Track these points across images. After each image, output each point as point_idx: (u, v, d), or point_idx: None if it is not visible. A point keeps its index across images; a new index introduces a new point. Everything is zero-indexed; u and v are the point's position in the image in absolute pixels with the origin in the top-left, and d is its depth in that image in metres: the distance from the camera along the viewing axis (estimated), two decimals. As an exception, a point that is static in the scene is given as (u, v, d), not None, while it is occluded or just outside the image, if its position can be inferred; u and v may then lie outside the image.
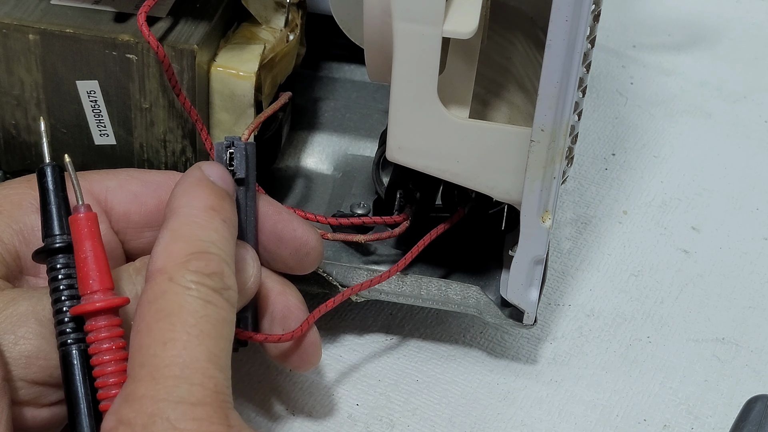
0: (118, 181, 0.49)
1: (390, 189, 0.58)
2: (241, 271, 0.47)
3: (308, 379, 0.58)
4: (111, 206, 0.49)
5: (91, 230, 0.44)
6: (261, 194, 0.51)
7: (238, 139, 0.49)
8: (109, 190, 0.49)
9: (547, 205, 0.52)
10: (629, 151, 0.74)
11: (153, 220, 0.49)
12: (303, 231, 0.51)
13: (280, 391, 0.57)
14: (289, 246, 0.51)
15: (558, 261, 0.65)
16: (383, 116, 0.67)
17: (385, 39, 0.49)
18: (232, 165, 0.49)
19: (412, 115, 0.50)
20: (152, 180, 0.49)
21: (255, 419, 0.56)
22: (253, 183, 0.50)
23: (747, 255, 0.67)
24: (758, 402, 0.56)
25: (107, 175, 0.49)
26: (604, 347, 0.61)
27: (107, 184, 0.49)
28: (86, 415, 0.43)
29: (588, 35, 0.49)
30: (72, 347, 0.43)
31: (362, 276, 0.57)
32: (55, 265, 0.44)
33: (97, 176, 0.49)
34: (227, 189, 0.46)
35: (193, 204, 0.44)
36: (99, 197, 0.48)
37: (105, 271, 0.43)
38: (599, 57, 0.80)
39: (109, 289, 0.43)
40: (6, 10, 0.55)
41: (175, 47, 0.54)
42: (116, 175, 0.49)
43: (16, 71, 0.55)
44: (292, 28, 0.60)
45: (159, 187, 0.49)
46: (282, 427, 0.56)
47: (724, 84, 0.80)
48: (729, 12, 0.86)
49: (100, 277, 0.43)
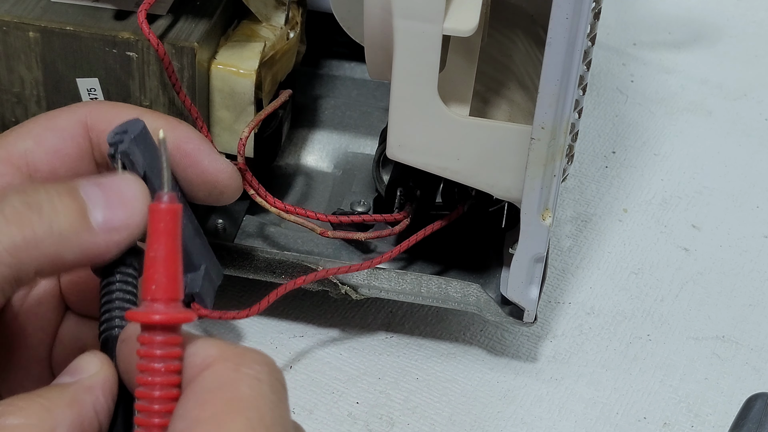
0: (35, 139, 0.46)
1: (390, 187, 0.58)
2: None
3: (308, 377, 0.58)
4: (35, 167, 0.46)
5: (170, 226, 0.37)
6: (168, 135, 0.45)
7: (121, 137, 0.44)
8: (28, 152, 0.46)
9: (548, 202, 0.52)
10: (629, 149, 0.74)
11: (79, 168, 0.47)
12: (213, 170, 0.47)
13: (280, 388, 0.57)
14: (201, 188, 0.48)
15: (558, 259, 0.65)
16: (383, 114, 0.67)
17: (386, 37, 0.49)
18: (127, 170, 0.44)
19: (413, 113, 0.50)
20: (63, 126, 0.47)
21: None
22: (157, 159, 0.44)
23: (747, 253, 0.67)
24: (758, 400, 0.56)
25: (20, 136, 0.46)
26: (605, 345, 0.61)
27: (24, 146, 0.46)
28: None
29: (588, 33, 0.49)
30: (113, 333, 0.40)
31: (362, 274, 0.57)
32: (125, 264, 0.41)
33: (12, 139, 0.46)
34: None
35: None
36: (20, 162, 0.46)
37: (174, 278, 0.37)
38: (600, 55, 0.80)
39: (174, 300, 0.37)
40: (6, 7, 0.55)
41: (176, 45, 0.53)
42: (29, 133, 0.46)
43: (16, 69, 0.55)
44: (292, 25, 0.60)
45: (74, 133, 0.47)
46: (282, 425, 0.56)
47: (725, 82, 0.80)
48: (729, 10, 0.86)
49: (167, 285, 0.37)
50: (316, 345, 0.60)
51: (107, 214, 0.40)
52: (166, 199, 0.37)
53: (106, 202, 0.41)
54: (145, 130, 0.44)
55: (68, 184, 0.41)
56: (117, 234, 0.41)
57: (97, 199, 0.41)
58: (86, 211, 0.40)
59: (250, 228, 0.61)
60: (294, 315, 0.61)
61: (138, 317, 0.37)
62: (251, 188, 0.56)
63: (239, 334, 0.60)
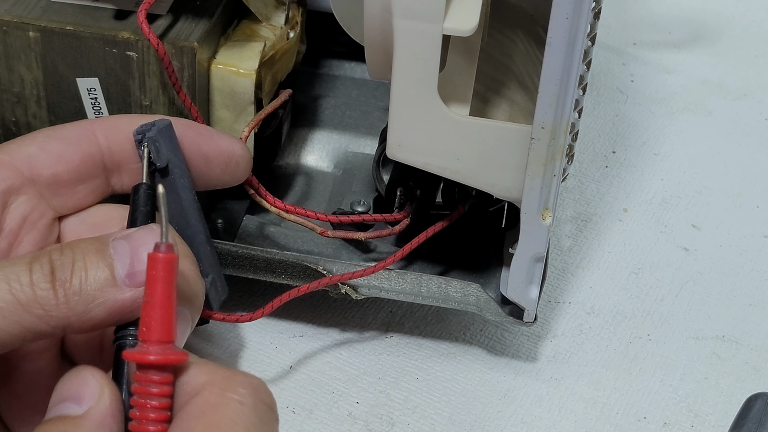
0: (38, 145, 0.48)
1: (390, 186, 0.58)
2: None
3: (308, 376, 0.58)
4: (38, 172, 0.47)
5: (166, 274, 0.40)
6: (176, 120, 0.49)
7: (148, 127, 0.47)
8: (31, 157, 0.47)
9: (548, 202, 0.52)
10: (629, 149, 0.74)
11: (82, 174, 0.48)
12: (227, 143, 0.50)
13: (280, 388, 0.57)
14: (217, 162, 0.50)
15: (558, 258, 0.65)
16: (383, 114, 0.67)
17: (386, 36, 0.49)
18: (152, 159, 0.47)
19: (413, 113, 0.50)
20: (69, 135, 0.48)
21: (255, 417, 0.56)
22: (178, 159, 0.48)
23: (747, 253, 0.67)
24: (758, 400, 0.56)
25: (24, 142, 0.48)
26: (605, 345, 0.61)
27: (27, 151, 0.47)
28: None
29: (588, 33, 0.49)
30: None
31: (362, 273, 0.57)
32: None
33: (15, 146, 0.48)
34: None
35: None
36: (22, 167, 0.47)
37: (168, 322, 0.40)
38: (600, 54, 0.80)
39: (167, 343, 0.40)
40: (6, 7, 0.55)
41: (176, 45, 0.53)
42: (33, 140, 0.48)
43: (16, 68, 0.55)
44: (292, 25, 0.60)
45: (79, 140, 0.48)
46: (282, 425, 0.56)
47: (725, 81, 0.80)
48: (729, 9, 0.86)
49: (161, 328, 0.40)
50: (315, 345, 0.60)
51: (133, 272, 0.42)
52: (164, 249, 0.40)
53: (133, 258, 0.42)
54: (171, 126, 0.47)
55: (99, 241, 0.43)
56: (143, 291, 0.41)
57: (125, 255, 0.42)
58: (114, 271, 0.42)
59: (250, 228, 0.61)
60: (294, 315, 0.61)
61: (134, 357, 0.39)
62: (251, 188, 0.56)
63: (239, 334, 0.60)
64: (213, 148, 0.50)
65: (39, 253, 0.42)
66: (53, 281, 0.41)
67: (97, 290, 0.41)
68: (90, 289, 0.41)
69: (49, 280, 0.41)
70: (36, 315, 0.41)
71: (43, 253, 0.42)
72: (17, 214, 0.46)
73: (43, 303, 0.41)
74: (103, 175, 0.48)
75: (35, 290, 0.41)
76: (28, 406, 0.46)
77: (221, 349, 0.59)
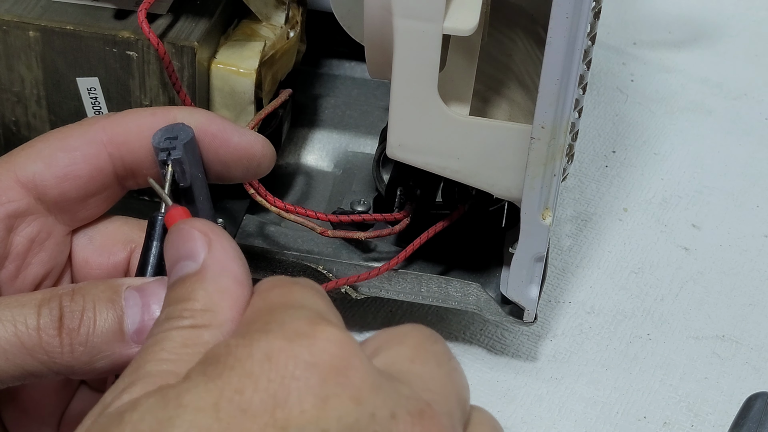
0: (44, 161, 0.45)
1: (390, 186, 0.58)
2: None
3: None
4: (44, 191, 0.45)
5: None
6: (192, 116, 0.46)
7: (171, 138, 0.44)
8: (37, 175, 0.45)
9: (548, 202, 0.52)
10: (630, 149, 0.74)
11: (91, 189, 0.46)
12: (246, 143, 0.46)
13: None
14: (238, 166, 0.47)
15: (558, 258, 0.65)
16: (384, 113, 0.67)
17: (386, 36, 0.49)
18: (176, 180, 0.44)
19: (413, 112, 0.50)
20: (75, 145, 0.45)
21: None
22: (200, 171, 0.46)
23: (747, 252, 0.67)
24: (758, 399, 0.56)
25: (30, 157, 0.45)
26: (605, 344, 0.61)
27: (33, 169, 0.45)
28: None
29: (588, 32, 0.49)
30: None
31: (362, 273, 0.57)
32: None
33: (21, 160, 0.45)
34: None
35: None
36: (28, 185, 0.45)
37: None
38: (599, 54, 0.80)
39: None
40: (6, 6, 0.55)
41: (176, 44, 0.53)
42: (39, 154, 0.45)
43: (16, 68, 0.55)
44: (292, 25, 0.60)
45: (87, 152, 0.45)
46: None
47: (725, 81, 0.80)
48: (729, 9, 0.86)
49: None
50: (316, 344, 0.60)
51: (142, 327, 0.41)
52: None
53: (144, 314, 0.41)
54: (194, 138, 0.44)
55: (111, 289, 0.41)
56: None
57: (136, 309, 0.41)
58: (123, 323, 0.41)
59: (250, 227, 0.61)
60: (294, 314, 0.61)
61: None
62: (251, 187, 0.56)
63: (239, 334, 0.60)
64: (229, 151, 0.46)
65: (50, 296, 0.41)
66: (60, 328, 0.40)
67: (103, 343, 0.40)
68: (97, 342, 0.40)
69: (56, 326, 0.40)
70: (39, 360, 0.40)
71: (54, 297, 0.41)
72: (25, 236, 0.45)
73: (48, 349, 0.40)
74: (115, 183, 0.46)
75: (41, 335, 0.40)
76: (36, 421, 0.46)
77: (221, 349, 0.59)
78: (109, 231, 0.47)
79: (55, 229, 0.46)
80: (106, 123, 0.46)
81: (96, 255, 0.47)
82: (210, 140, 0.45)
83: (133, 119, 0.46)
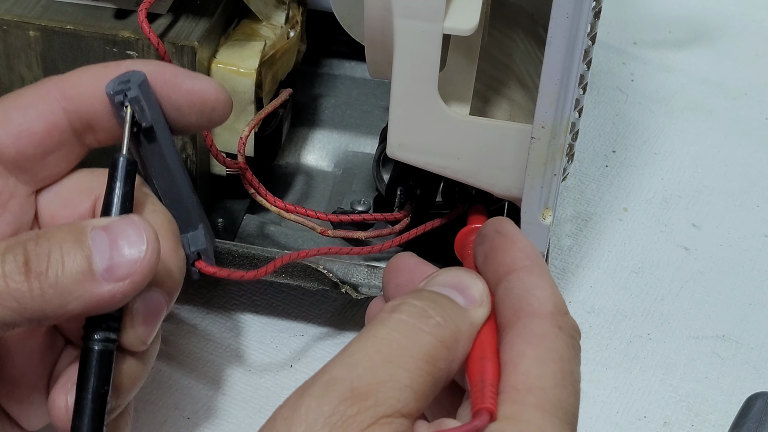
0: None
1: (390, 186, 0.58)
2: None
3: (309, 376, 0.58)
4: (2, 151, 0.45)
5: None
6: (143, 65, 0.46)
7: (124, 82, 0.44)
8: None
9: (548, 202, 0.52)
10: (630, 148, 0.74)
11: (49, 145, 0.45)
12: (198, 88, 0.46)
13: (281, 387, 0.57)
14: (191, 111, 0.46)
15: (558, 258, 0.65)
16: (384, 113, 0.67)
17: (386, 36, 0.49)
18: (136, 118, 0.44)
19: (413, 112, 0.50)
20: (28, 102, 0.45)
21: (255, 417, 0.56)
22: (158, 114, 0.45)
23: (747, 252, 0.67)
24: (758, 399, 0.56)
25: None
26: (605, 344, 0.61)
27: None
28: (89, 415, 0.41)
29: (589, 32, 0.49)
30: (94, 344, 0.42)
31: (362, 272, 0.57)
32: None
33: None
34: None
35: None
36: None
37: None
38: (600, 54, 0.80)
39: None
40: (6, 6, 0.55)
41: (176, 44, 0.53)
42: None
43: (16, 68, 0.55)
44: (292, 24, 0.60)
45: (41, 108, 0.45)
46: (282, 424, 0.56)
47: (725, 81, 0.80)
48: (730, 9, 0.86)
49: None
50: (316, 344, 0.60)
51: (112, 265, 0.40)
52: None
53: (113, 251, 0.40)
54: (147, 81, 0.44)
55: (77, 230, 0.41)
56: (122, 286, 0.40)
57: (103, 247, 0.40)
58: (92, 263, 0.40)
59: (250, 227, 0.61)
60: (294, 314, 0.61)
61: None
62: (251, 187, 0.56)
63: (239, 332, 0.60)
64: (182, 95, 0.46)
65: (13, 243, 0.40)
66: (28, 273, 0.40)
67: (74, 284, 0.40)
68: (67, 283, 0.40)
69: (23, 272, 0.40)
70: (9, 308, 0.39)
71: (18, 243, 0.40)
72: None
73: (17, 296, 0.39)
74: (74, 140, 0.46)
75: (8, 282, 0.39)
76: (23, 387, 0.46)
77: (221, 348, 0.59)
78: (72, 183, 0.47)
79: (17, 190, 0.46)
80: (59, 79, 0.46)
81: (61, 208, 0.46)
82: (162, 86, 0.45)
83: (85, 72, 0.46)
